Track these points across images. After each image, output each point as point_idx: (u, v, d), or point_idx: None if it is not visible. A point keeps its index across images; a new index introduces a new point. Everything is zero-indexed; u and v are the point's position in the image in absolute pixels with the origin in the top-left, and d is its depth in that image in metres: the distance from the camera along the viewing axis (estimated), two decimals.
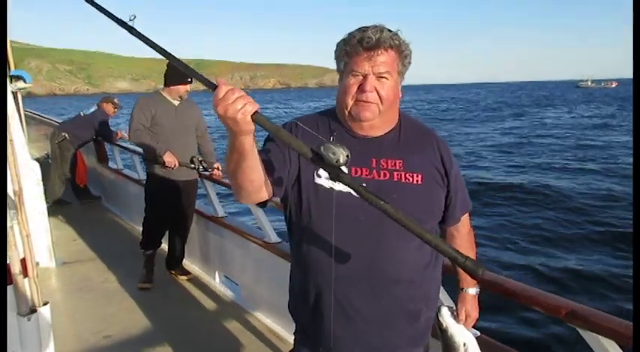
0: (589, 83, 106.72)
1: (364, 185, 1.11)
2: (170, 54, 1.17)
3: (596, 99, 63.23)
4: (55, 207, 6.56)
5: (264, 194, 1.37)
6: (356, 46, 1.39)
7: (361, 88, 1.40)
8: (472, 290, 1.74)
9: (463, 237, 1.70)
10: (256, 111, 1.06)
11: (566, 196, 10.84)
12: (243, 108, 1.04)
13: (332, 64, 1.50)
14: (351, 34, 1.42)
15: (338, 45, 1.46)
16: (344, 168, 1.21)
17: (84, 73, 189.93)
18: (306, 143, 1.15)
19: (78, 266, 4.75)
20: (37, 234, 4.21)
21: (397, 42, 1.41)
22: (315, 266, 1.49)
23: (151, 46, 1.19)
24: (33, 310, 1.86)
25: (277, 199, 3.11)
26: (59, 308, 3.73)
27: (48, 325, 1.92)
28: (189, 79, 4.12)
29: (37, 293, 1.88)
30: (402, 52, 1.43)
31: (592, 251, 7.52)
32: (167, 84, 4.10)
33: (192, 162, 4.20)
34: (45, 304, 1.92)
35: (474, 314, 1.73)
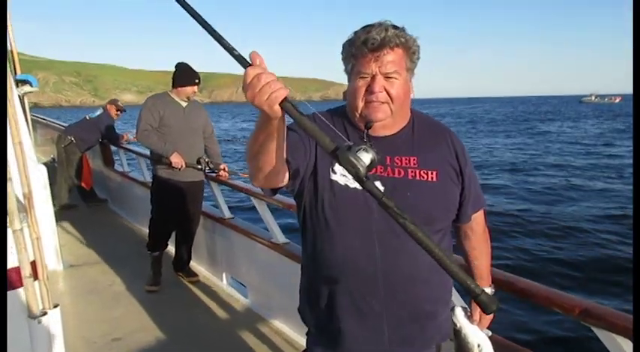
0: (592, 98, 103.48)
1: (385, 198, 0.99)
2: (210, 26, 1.05)
3: (601, 115, 61.44)
4: (62, 210, 6.58)
5: (280, 180, 1.34)
6: (361, 48, 1.36)
7: (370, 89, 1.38)
8: (487, 290, 1.72)
9: (478, 237, 1.68)
10: (285, 98, 0.98)
11: (574, 218, 10.42)
12: (269, 98, 0.96)
13: (336, 78, 1.47)
14: (355, 35, 1.39)
15: (344, 46, 1.43)
16: None
17: (90, 85, 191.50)
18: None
19: (85, 269, 4.76)
20: (45, 237, 4.21)
21: (403, 39, 1.38)
22: (329, 264, 1.47)
23: (189, 13, 1.07)
24: (43, 313, 1.86)
25: (282, 198, 3.07)
26: (67, 311, 3.72)
27: (58, 327, 1.92)
28: (197, 80, 4.13)
29: (47, 295, 1.87)
30: (410, 49, 1.40)
31: (606, 283, 7.23)
32: (175, 85, 4.11)
33: (198, 163, 4.20)
34: (55, 306, 1.92)
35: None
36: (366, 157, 0.99)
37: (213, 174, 4.38)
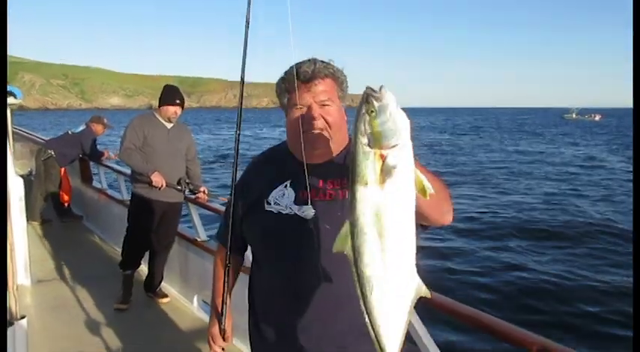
0: (573, 115, 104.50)
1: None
2: None
3: (585, 133, 55.86)
4: (36, 224, 6.50)
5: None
6: (294, 81, 1.46)
7: (308, 119, 1.46)
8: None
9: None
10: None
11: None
12: None
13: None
14: (287, 71, 1.50)
15: (277, 83, 1.53)
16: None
17: (77, 87, 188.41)
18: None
19: (54, 285, 4.69)
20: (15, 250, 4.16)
21: (332, 70, 1.50)
22: (266, 287, 1.61)
23: None
24: (10, 323, 1.85)
25: None
26: (33, 326, 3.64)
27: (24, 339, 1.91)
28: (178, 101, 4.18)
29: (15, 306, 1.87)
30: (338, 78, 1.52)
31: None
32: (159, 104, 4.18)
33: (179, 183, 4.22)
34: (22, 318, 1.92)
35: None
36: None
37: (193, 196, 4.40)
